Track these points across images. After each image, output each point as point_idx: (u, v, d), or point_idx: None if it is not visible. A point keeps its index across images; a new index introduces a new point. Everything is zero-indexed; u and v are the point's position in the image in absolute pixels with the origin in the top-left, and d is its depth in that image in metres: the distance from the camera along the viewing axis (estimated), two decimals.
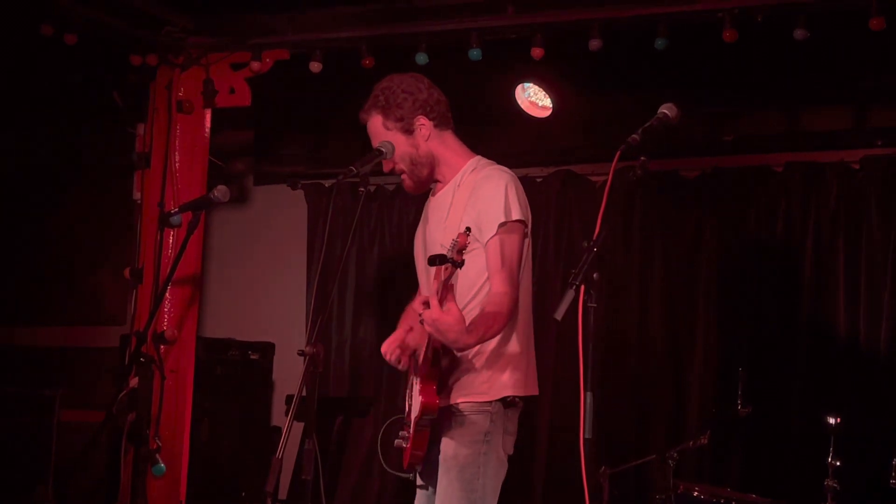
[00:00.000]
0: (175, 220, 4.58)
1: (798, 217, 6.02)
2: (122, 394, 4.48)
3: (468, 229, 3.50)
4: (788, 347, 5.93)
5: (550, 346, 6.38)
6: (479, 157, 4.01)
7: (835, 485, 4.36)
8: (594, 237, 3.11)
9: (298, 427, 3.57)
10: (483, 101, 6.17)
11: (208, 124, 5.34)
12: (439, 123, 3.92)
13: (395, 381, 6.61)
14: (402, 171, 3.91)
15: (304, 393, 3.40)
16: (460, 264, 3.37)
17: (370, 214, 6.97)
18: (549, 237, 6.53)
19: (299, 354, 3.47)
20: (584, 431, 3.09)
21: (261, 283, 7.24)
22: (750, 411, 5.05)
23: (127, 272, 5.00)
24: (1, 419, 5.25)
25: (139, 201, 5.17)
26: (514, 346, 3.72)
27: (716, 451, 5.62)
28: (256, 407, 6.04)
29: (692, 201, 6.29)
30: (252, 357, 6.05)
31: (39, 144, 6.74)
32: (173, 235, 4.87)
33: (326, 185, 7.09)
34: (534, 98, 5.96)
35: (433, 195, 3.99)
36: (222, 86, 5.29)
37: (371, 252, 6.96)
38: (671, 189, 6.32)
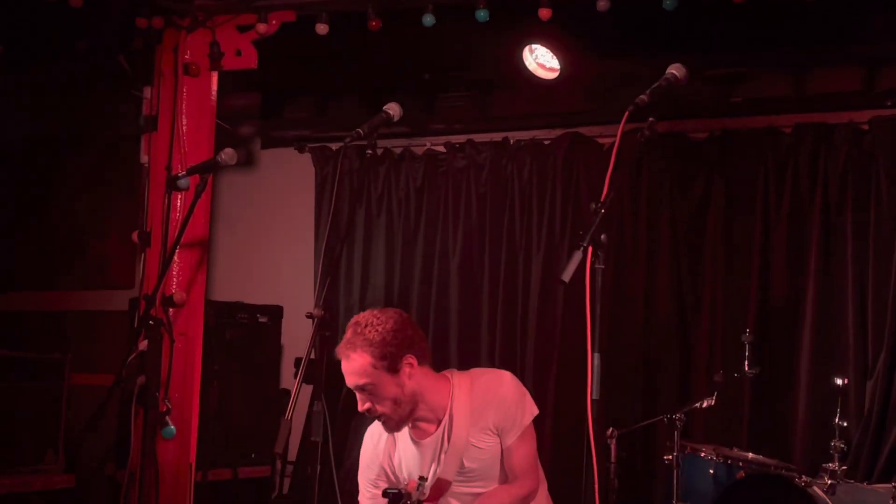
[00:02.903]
0: (182, 183, 4.58)
1: (806, 178, 6.00)
2: (132, 357, 4.48)
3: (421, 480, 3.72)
4: (796, 309, 5.93)
5: (557, 308, 6.40)
6: (454, 377, 3.96)
7: (842, 445, 4.37)
8: (602, 199, 3.11)
9: (307, 390, 3.58)
10: (490, 63, 6.15)
11: (215, 87, 5.32)
12: (422, 360, 3.84)
13: None
14: (382, 415, 3.81)
15: (312, 356, 3.41)
16: None
17: (377, 177, 6.97)
18: (557, 200, 6.52)
19: (308, 317, 3.48)
20: (591, 392, 3.10)
21: (268, 246, 7.25)
22: (757, 373, 5.07)
23: (135, 236, 5.00)
24: (11, 383, 5.27)
25: (146, 165, 5.16)
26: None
27: (723, 413, 5.64)
28: (265, 370, 6.06)
29: (700, 163, 6.27)
30: (261, 320, 6.07)
31: (46, 109, 6.72)
32: (181, 199, 4.86)
33: (334, 149, 7.08)
34: (541, 60, 5.93)
35: (416, 436, 3.93)
36: (228, 48, 5.27)
37: (378, 215, 6.96)
38: (679, 151, 6.31)
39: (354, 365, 3.69)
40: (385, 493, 3.79)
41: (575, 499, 3.53)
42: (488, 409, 3.82)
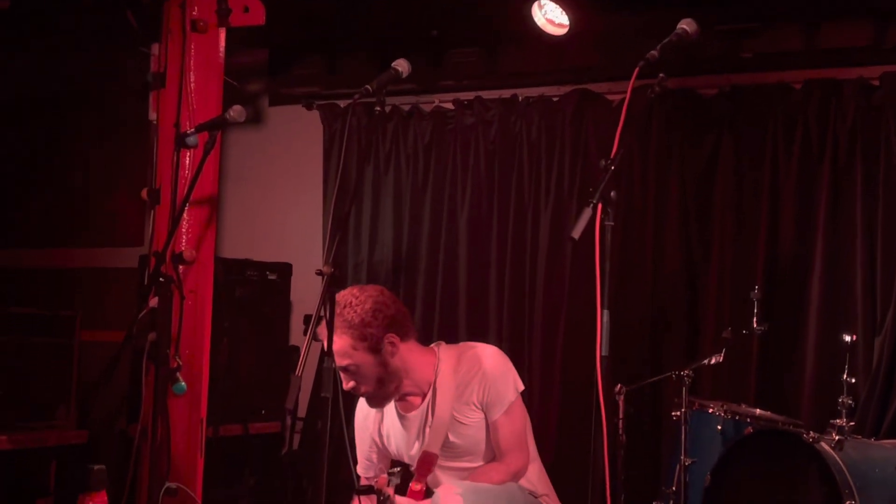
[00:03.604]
0: (191, 140, 4.58)
1: (816, 134, 5.97)
2: (142, 314, 4.50)
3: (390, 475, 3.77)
4: (805, 266, 5.93)
5: (565, 265, 6.41)
6: (441, 350, 3.98)
7: (850, 402, 4.39)
8: (611, 156, 3.10)
9: (316, 346, 3.60)
10: (498, 18, 6.12)
11: (223, 44, 5.30)
12: (405, 337, 3.84)
13: (412, 302, 6.65)
14: (366, 393, 3.85)
15: (322, 313, 3.42)
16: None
17: (385, 134, 6.95)
18: (565, 157, 6.51)
19: (317, 274, 3.49)
20: (600, 349, 3.11)
21: (277, 203, 7.26)
22: (765, 329, 5.07)
23: (144, 193, 5.00)
24: (22, 340, 5.30)
25: (155, 122, 5.15)
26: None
27: (731, 369, 5.66)
28: (275, 327, 6.08)
29: (709, 119, 6.25)
30: (270, 277, 6.08)
31: (55, 67, 6.71)
32: (189, 156, 4.85)
33: (342, 106, 7.06)
34: (550, 16, 5.89)
35: (402, 409, 3.98)
36: (236, 4, 5.23)
37: (386, 172, 6.95)
38: (688, 107, 6.28)
39: (335, 346, 3.67)
40: (358, 491, 3.82)
41: (583, 455, 3.56)
42: (472, 383, 3.83)
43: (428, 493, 3.86)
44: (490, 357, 3.89)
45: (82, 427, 5.25)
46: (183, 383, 4.53)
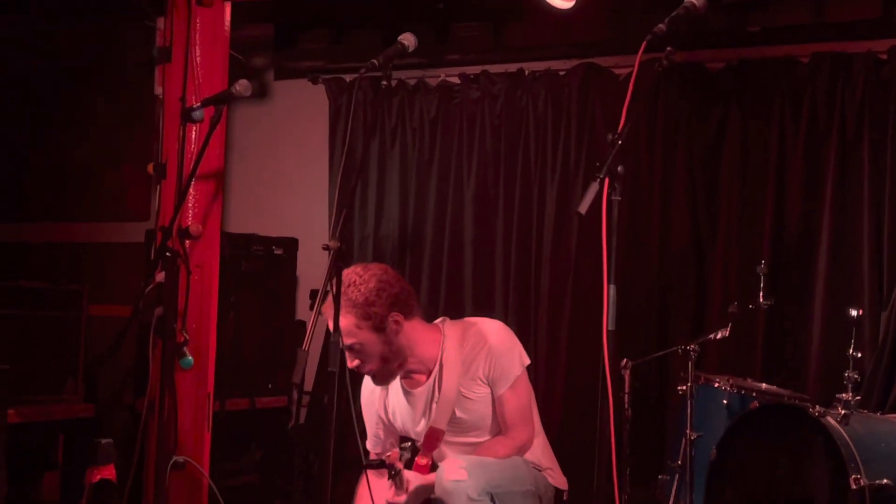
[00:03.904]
0: (197, 114, 4.57)
1: (823, 109, 5.95)
2: (149, 288, 4.51)
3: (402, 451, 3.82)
4: (812, 240, 5.92)
5: (572, 240, 6.40)
6: (445, 327, 3.99)
7: (856, 376, 4.39)
8: (618, 130, 3.10)
9: (322, 321, 3.61)
10: None
11: (228, 18, 5.28)
12: (409, 315, 3.85)
13: (418, 277, 6.65)
14: (370, 371, 3.87)
15: (328, 287, 3.43)
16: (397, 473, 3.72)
17: (391, 109, 6.93)
18: (572, 131, 6.49)
19: (324, 249, 3.49)
20: (607, 323, 3.11)
21: (283, 178, 7.25)
22: (772, 304, 5.07)
23: (150, 168, 5.00)
24: (29, 314, 5.31)
25: (161, 96, 5.15)
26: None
27: (737, 344, 5.65)
28: (281, 301, 6.09)
29: (717, 93, 6.22)
30: (276, 252, 6.09)
31: (60, 41, 6.70)
32: (195, 130, 4.85)
33: (348, 80, 7.04)
34: None
35: (408, 386, 4.00)
36: None
37: (392, 146, 6.94)
38: (696, 81, 6.26)
39: (340, 326, 3.67)
40: (368, 465, 3.84)
41: (589, 429, 3.56)
42: (478, 358, 3.84)
43: (434, 467, 3.87)
44: (496, 332, 3.89)
45: (90, 401, 5.27)
46: (190, 357, 4.55)
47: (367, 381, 4.09)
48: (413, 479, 3.81)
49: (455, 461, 3.69)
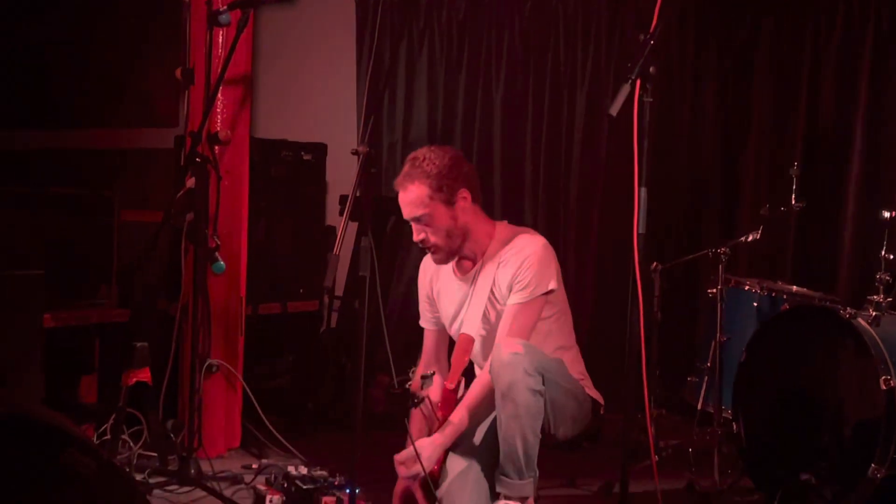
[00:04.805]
0: (224, 18, 4.53)
1: (858, 5, 5.84)
2: (180, 194, 4.52)
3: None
4: (845, 141, 5.86)
5: (602, 142, 6.36)
6: (500, 225, 4.04)
7: (887, 277, 4.36)
8: (650, 30, 3.05)
9: (353, 226, 3.62)
10: None
11: None
12: (475, 198, 3.93)
13: None
14: (434, 245, 3.91)
15: (357, 192, 3.43)
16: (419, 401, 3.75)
17: (419, 10, 6.85)
18: (602, 31, 6.41)
19: (353, 154, 3.49)
20: (637, 226, 3.11)
21: (311, 82, 7.20)
22: (803, 206, 5.04)
23: (178, 73, 4.98)
24: (61, 220, 5.33)
25: (187, 0, 5.11)
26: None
27: (768, 247, 5.63)
28: (311, 206, 6.09)
29: None
30: (305, 157, 6.07)
31: None
32: (223, 35, 4.82)
33: None
34: None
35: (458, 271, 4.06)
36: None
37: (420, 50, 6.87)
38: None
39: (412, 196, 3.83)
40: (388, 393, 3.92)
41: (620, 332, 3.58)
42: (511, 263, 3.89)
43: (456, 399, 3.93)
44: (537, 246, 3.92)
45: (124, 306, 5.32)
46: (222, 262, 4.57)
47: (425, 265, 4.17)
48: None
49: (511, 339, 3.74)
